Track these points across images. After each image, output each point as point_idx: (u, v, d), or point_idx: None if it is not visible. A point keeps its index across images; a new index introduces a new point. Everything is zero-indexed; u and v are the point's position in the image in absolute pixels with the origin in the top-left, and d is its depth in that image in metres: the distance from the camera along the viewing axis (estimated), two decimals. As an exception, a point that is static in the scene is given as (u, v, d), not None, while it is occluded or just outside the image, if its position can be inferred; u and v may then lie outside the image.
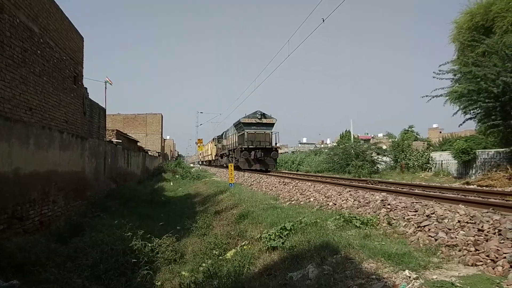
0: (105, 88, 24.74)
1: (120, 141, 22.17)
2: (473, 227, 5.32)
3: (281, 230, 6.56)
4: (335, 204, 9.12)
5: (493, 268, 4.26)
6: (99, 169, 14.83)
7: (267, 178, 20.16)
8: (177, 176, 32.05)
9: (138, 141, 35.36)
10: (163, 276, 6.51)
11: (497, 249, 4.53)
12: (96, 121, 16.92)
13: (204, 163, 67.82)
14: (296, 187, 13.59)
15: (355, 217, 6.81)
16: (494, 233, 5.02)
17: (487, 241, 4.86)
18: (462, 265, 4.53)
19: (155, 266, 6.95)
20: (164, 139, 70.70)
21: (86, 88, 14.47)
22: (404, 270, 4.19)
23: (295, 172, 33.02)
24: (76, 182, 10.97)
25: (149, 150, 42.13)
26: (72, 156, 10.67)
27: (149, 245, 7.37)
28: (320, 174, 26.76)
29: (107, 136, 21.14)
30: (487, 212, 5.93)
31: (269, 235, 6.53)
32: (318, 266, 4.81)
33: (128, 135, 29.87)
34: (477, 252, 4.68)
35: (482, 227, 5.25)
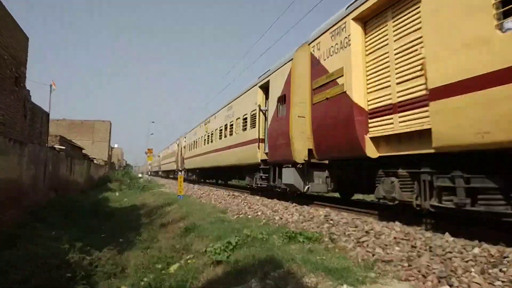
0: (50, 91, 23.52)
1: (64, 147, 21.08)
2: (407, 244, 5.64)
3: (227, 244, 6.54)
4: (281, 218, 9.25)
5: (424, 283, 4.52)
6: (39, 177, 13.98)
7: (217, 191, 20.05)
8: (123, 186, 30.93)
9: (83, 149, 33.83)
10: (101, 291, 6.23)
11: (428, 265, 4.83)
12: (38, 125, 16.02)
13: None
14: (245, 201, 13.64)
15: (299, 233, 6.95)
16: (426, 250, 5.35)
17: (419, 257, 5.16)
18: (396, 280, 4.77)
19: (93, 280, 6.63)
20: (112, 148, 68.06)
21: (28, 91, 13.71)
22: (342, 285, 4.34)
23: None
24: (11, 190, 10.24)
25: (94, 158, 40.35)
26: (9, 162, 9.98)
27: (88, 258, 7.03)
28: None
29: (49, 142, 20.04)
30: (420, 230, 6.32)
31: (214, 249, 6.48)
32: (261, 280, 4.84)
33: (72, 142, 28.48)
34: (410, 267, 4.95)
35: (415, 243, 5.58)
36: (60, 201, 15.20)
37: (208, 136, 24.55)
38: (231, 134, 19.16)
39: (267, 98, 14.50)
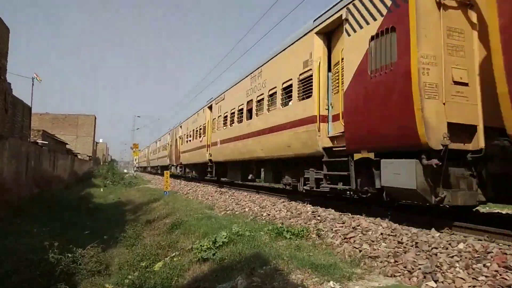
0: (32, 84, 23.00)
1: (46, 142, 20.66)
2: (394, 240, 5.66)
3: (213, 241, 6.47)
4: (269, 215, 9.23)
5: (409, 279, 4.54)
6: (21, 171, 13.65)
7: (203, 187, 19.93)
8: (108, 182, 30.54)
9: (67, 144, 33.26)
10: (84, 289, 6.11)
11: (414, 261, 4.85)
12: (19, 119, 15.65)
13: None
14: (232, 197, 13.58)
15: (287, 229, 6.92)
16: (412, 246, 5.37)
17: (405, 253, 5.18)
18: (382, 276, 4.78)
19: (76, 278, 6.50)
20: (97, 143, 67.17)
21: (9, 84, 13.36)
22: (329, 281, 4.32)
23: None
24: (-9, 185, 9.97)
25: (78, 153, 39.73)
26: (-12, 157, 9.71)
27: (70, 255, 6.87)
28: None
29: (32, 136, 19.62)
30: (406, 225, 6.35)
31: (200, 246, 6.41)
32: (247, 277, 4.80)
33: (55, 137, 27.96)
34: (396, 263, 4.97)
35: (401, 239, 5.60)
36: (43, 196, 14.92)
37: None
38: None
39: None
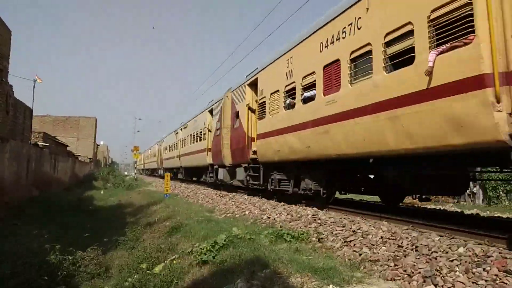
0: (34, 86, 23.06)
1: (47, 144, 20.70)
2: (394, 243, 5.65)
3: (213, 244, 6.47)
4: (269, 218, 9.22)
5: (409, 283, 4.53)
6: (21, 173, 13.69)
7: (204, 189, 19.93)
8: (109, 184, 30.51)
9: (68, 146, 33.32)
10: (84, 291, 6.11)
11: (414, 265, 4.84)
12: (20, 121, 15.69)
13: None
14: (233, 200, 13.57)
15: (287, 232, 6.93)
16: (412, 249, 5.36)
17: (405, 256, 5.17)
18: (382, 279, 4.77)
19: (76, 281, 6.49)
20: (98, 145, 67.25)
21: (11, 86, 13.40)
22: (328, 285, 4.32)
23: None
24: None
25: (79, 155, 39.79)
26: (-11, 159, 9.73)
27: (69, 258, 6.88)
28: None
29: (33, 138, 19.67)
30: (407, 229, 6.35)
31: (200, 249, 6.41)
32: (247, 281, 4.80)
33: (56, 139, 28.01)
34: (396, 267, 4.96)
35: (401, 243, 5.59)
36: (44, 198, 14.93)
37: None
38: None
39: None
